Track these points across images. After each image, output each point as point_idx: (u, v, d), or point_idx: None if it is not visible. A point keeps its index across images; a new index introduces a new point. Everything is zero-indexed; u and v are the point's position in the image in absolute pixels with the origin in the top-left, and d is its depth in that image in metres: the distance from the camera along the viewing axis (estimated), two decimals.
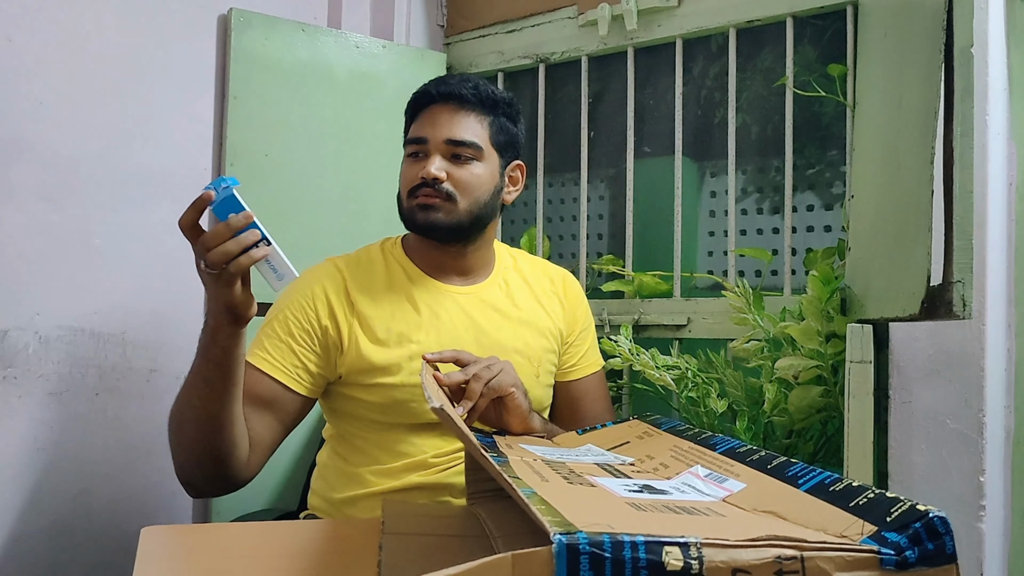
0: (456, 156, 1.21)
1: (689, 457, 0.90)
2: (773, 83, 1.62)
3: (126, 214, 1.47)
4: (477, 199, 1.22)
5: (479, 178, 1.22)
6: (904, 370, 1.23)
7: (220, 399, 1.06)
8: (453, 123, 1.21)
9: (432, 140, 1.21)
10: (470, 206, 1.22)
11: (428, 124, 1.23)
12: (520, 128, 1.30)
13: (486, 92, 1.24)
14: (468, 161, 1.22)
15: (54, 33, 1.39)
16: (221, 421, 1.07)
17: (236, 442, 1.10)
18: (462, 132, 1.21)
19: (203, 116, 1.61)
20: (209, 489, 1.15)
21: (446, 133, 1.21)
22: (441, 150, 1.21)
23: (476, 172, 1.22)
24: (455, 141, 1.21)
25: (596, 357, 1.41)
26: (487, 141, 1.23)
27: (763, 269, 1.60)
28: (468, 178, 1.21)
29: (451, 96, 1.22)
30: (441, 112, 1.22)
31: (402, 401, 1.19)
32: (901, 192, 1.13)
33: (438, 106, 1.23)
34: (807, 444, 1.39)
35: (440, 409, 0.82)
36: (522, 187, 1.32)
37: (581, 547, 0.53)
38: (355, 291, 1.23)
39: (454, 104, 1.22)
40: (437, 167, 1.19)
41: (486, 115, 1.24)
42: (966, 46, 0.99)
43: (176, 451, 1.12)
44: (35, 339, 1.37)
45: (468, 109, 1.22)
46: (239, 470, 1.13)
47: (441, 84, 1.24)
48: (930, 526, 0.59)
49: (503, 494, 0.90)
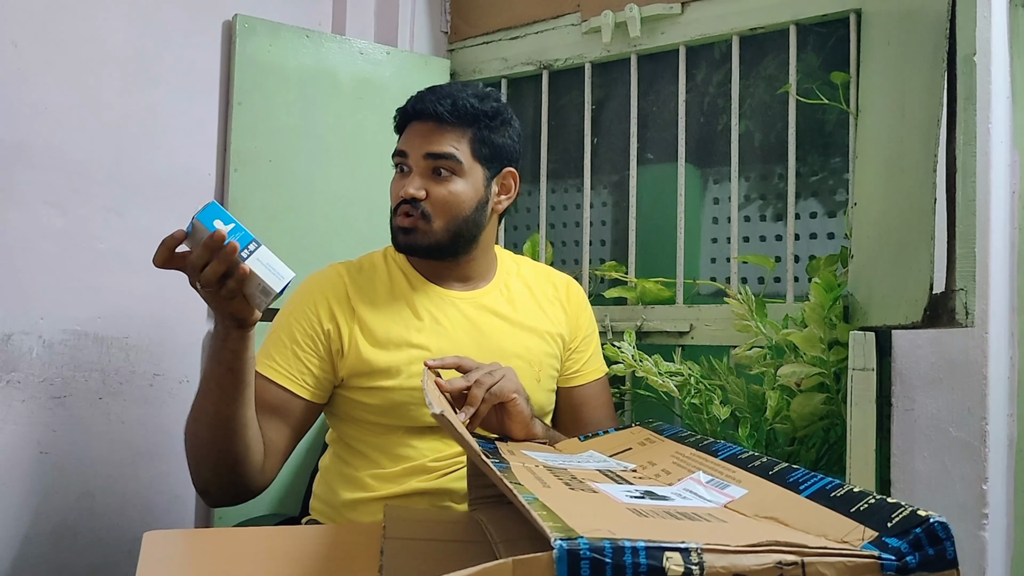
0: (436, 171, 1.21)
1: (691, 463, 0.90)
2: (776, 90, 1.63)
3: (130, 219, 1.48)
4: (454, 217, 1.22)
5: (457, 196, 1.21)
6: (907, 378, 1.22)
7: (232, 403, 1.07)
8: (431, 138, 1.21)
9: (412, 155, 1.22)
10: (447, 224, 1.22)
11: (408, 139, 1.24)
12: (509, 136, 1.27)
13: (464, 107, 1.22)
14: (448, 177, 1.21)
15: (59, 38, 1.40)
16: (234, 425, 1.08)
17: (250, 446, 1.11)
18: (439, 146, 1.21)
19: (207, 122, 1.62)
20: (225, 496, 1.15)
21: (424, 147, 1.21)
22: (420, 166, 1.22)
23: (455, 189, 1.21)
24: (433, 155, 1.21)
25: (599, 363, 1.41)
26: (468, 155, 1.22)
27: (766, 276, 1.60)
28: (445, 196, 1.21)
29: (427, 114, 1.22)
30: (421, 128, 1.23)
31: (401, 404, 1.20)
32: (904, 200, 1.13)
33: (418, 122, 1.23)
34: (809, 451, 1.39)
35: (441, 415, 0.82)
36: (516, 193, 1.31)
37: (582, 552, 0.53)
38: (356, 295, 1.24)
39: (432, 121, 1.22)
40: (416, 186, 1.20)
41: (466, 130, 1.22)
42: (969, 54, 1.00)
43: (192, 458, 1.12)
44: (39, 343, 1.37)
45: (447, 125, 1.22)
46: (254, 476, 1.13)
47: (418, 101, 1.24)
48: (931, 531, 0.59)
49: (504, 500, 0.90)
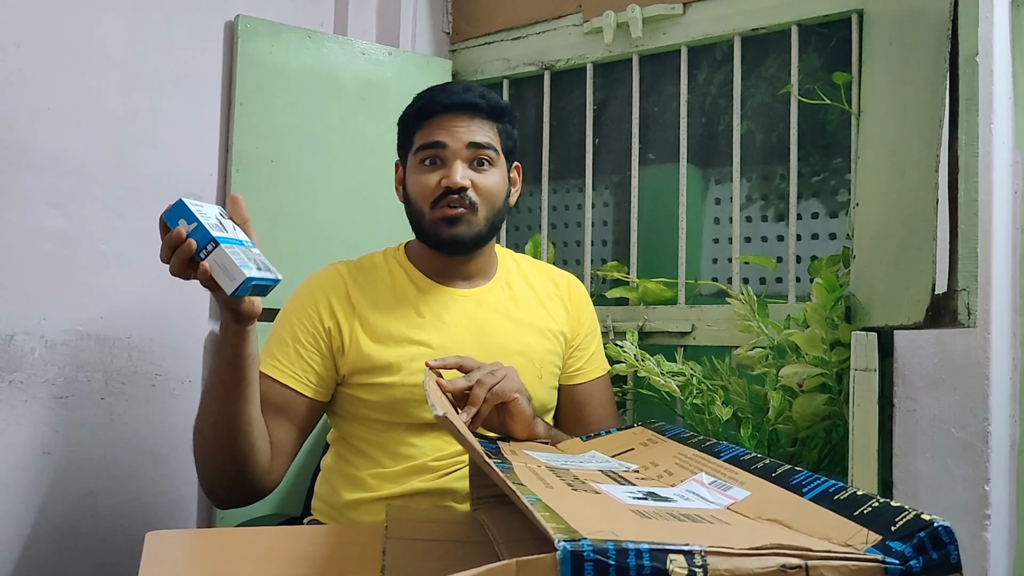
0: (478, 161, 1.22)
1: (693, 464, 0.90)
2: (778, 91, 1.63)
3: (132, 220, 1.48)
4: (494, 206, 1.24)
5: (497, 184, 1.24)
6: (909, 378, 1.22)
7: (236, 401, 1.07)
8: (472, 127, 1.22)
9: (452, 146, 1.21)
10: (488, 214, 1.23)
11: (443, 130, 1.22)
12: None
13: (494, 101, 1.25)
14: (488, 167, 1.23)
15: (62, 39, 1.40)
16: (239, 423, 1.08)
17: (255, 445, 1.11)
18: (483, 135, 1.23)
19: (209, 122, 1.62)
20: (232, 496, 1.15)
21: (467, 137, 1.21)
22: (463, 156, 1.21)
23: (495, 179, 1.24)
24: (477, 144, 1.21)
25: (601, 361, 1.41)
26: (499, 146, 1.25)
27: (767, 276, 1.60)
28: (489, 185, 1.22)
29: (463, 105, 1.23)
30: (455, 119, 1.22)
31: (402, 400, 1.20)
32: (906, 200, 1.13)
33: (450, 115, 1.23)
34: (811, 452, 1.39)
35: (444, 417, 0.82)
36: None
37: (585, 554, 0.53)
38: (356, 293, 1.25)
39: (467, 113, 1.23)
40: (463, 175, 1.20)
41: (495, 123, 1.25)
42: (971, 55, 1.00)
43: (199, 459, 1.13)
44: (41, 343, 1.37)
45: (482, 117, 1.23)
46: (261, 476, 1.13)
47: (452, 94, 1.24)
48: (935, 536, 0.59)
49: (507, 500, 0.90)
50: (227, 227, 1.01)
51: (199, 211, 0.98)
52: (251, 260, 0.99)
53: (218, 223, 1.00)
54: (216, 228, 0.98)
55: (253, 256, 1.01)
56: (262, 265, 1.01)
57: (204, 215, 0.98)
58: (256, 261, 1.00)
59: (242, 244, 1.01)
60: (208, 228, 0.97)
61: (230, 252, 0.96)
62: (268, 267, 1.02)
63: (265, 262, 1.02)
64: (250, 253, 1.01)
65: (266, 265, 1.02)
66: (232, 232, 1.01)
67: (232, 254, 0.96)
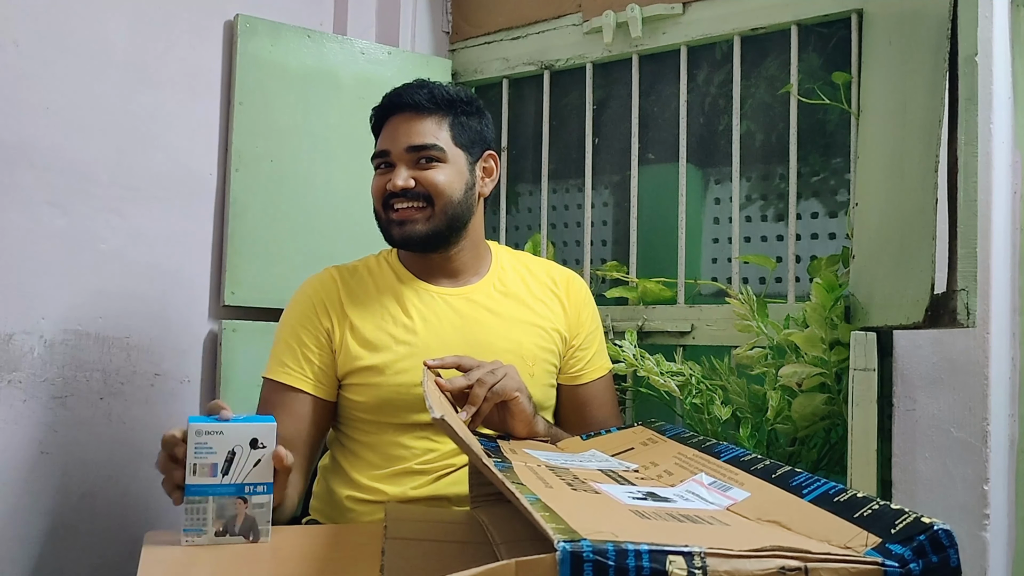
0: (420, 161, 1.23)
1: (693, 465, 0.90)
2: (777, 91, 1.63)
3: (131, 219, 1.48)
4: (451, 199, 1.24)
5: (448, 179, 1.24)
6: (908, 378, 1.23)
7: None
8: (412, 130, 1.23)
9: (394, 151, 1.24)
10: (444, 207, 1.23)
11: (388, 137, 1.26)
12: (486, 122, 1.31)
13: (441, 94, 1.25)
14: (432, 165, 1.23)
15: (61, 38, 1.40)
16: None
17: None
18: (421, 137, 1.23)
19: (209, 121, 1.62)
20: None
21: (405, 141, 1.23)
22: (404, 159, 1.23)
23: (444, 174, 1.24)
24: (415, 147, 1.23)
25: (603, 361, 1.41)
26: (449, 142, 1.25)
27: (767, 276, 1.60)
28: (436, 180, 1.23)
29: (406, 104, 1.24)
30: (400, 122, 1.25)
31: (389, 400, 1.21)
32: (905, 200, 1.13)
33: (396, 116, 1.25)
34: (811, 452, 1.39)
35: (442, 420, 0.82)
36: (498, 175, 1.34)
37: (585, 555, 0.53)
38: (347, 298, 1.27)
39: (410, 112, 1.24)
40: (403, 178, 1.22)
41: (444, 116, 1.25)
42: (970, 55, 1.00)
43: None
44: (40, 343, 1.37)
45: (425, 114, 1.24)
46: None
47: (395, 95, 1.26)
48: (935, 539, 0.59)
49: (506, 498, 0.90)
50: (241, 459, 0.95)
51: (202, 445, 0.94)
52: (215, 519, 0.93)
53: (230, 455, 0.94)
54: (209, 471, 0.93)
55: (229, 512, 0.94)
56: (241, 527, 0.95)
57: (209, 448, 0.93)
58: (226, 518, 0.94)
59: (231, 495, 0.95)
60: None
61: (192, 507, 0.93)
62: (253, 529, 0.95)
63: (253, 521, 0.95)
64: (234, 506, 0.94)
65: (253, 526, 0.95)
66: (241, 466, 0.95)
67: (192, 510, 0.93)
